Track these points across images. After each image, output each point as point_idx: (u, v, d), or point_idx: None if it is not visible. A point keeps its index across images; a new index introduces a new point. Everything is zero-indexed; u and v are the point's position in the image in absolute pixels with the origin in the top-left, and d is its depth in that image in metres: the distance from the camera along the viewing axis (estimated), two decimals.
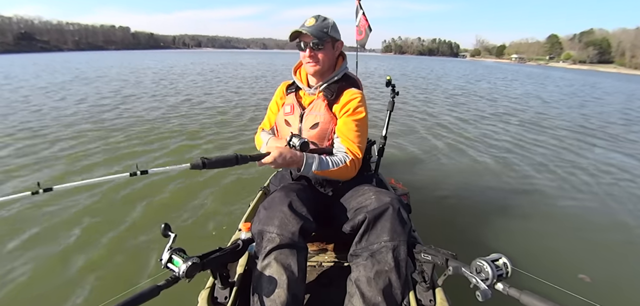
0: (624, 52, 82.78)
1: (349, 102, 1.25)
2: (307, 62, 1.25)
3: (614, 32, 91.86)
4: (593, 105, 10.15)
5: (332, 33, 1.23)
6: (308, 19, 1.24)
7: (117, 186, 2.94)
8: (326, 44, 1.23)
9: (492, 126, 6.16)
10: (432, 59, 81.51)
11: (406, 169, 3.79)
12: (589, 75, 33.86)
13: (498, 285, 0.81)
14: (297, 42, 1.24)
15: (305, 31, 1.19)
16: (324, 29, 1.21)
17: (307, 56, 1.23)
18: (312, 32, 1.19)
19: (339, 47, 1.30)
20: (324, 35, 1.21)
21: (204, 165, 0.91)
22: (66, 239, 2.19)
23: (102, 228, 2.32)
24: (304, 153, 1.12)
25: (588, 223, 2.69)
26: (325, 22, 1.23)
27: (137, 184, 3.01)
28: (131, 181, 3.07)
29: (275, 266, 0.96)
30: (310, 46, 1.21)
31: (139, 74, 15.22)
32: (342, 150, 1.23)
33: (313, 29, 1.20)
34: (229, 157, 0.98)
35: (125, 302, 0.73)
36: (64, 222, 2.39)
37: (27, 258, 1.98)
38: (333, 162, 1.19)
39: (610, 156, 4.56)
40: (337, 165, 1.18)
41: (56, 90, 9.18)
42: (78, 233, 2.25)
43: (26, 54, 53.78)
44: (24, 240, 2.16)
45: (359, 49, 3.02)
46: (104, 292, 1.74)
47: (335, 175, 1.20)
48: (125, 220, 2.43)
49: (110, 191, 2.87)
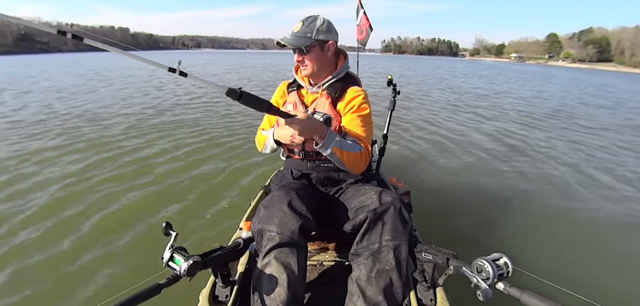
0: (623, 50, 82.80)
1: (354, 99, 1.25)
2: (300, 65, 1.30)
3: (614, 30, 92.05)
4: (596, 102, 10.12)
5: (318, 36, 1.22)
6: (296, 24, 1.25)
7: (121, 180, 2.95)
8: (312, 48, 1.23)
9: (493, 126, 6.15)
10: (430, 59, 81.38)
11: (407, 168, 3.79)
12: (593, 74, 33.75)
13: (499, 284, 0.81)
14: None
15: (284, 42, 1.22)
16: (307, 34, 1.21)
17: (296, 60, 1.28)
18: (291, 42, 1.22)
19: (330, 47, 1.27)
20: (307, 40, 1.21)
21: (241, 95, 0.88)
22: (64, 237, 2.19)
23: (100, 226, 2.33)
24: (328, 127, 1.12)
25: (589, 223, 2.68)
26: (311, 26, 1.22)
27: (139, 180, 3.02)
28: (134, 179, 3.08)
29: (275, 265, 0.96)
30: (298, 51, 1.24)
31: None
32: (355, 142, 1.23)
33: (293, 38, 1.23)
34: (263, 101, 0.97)
35: (126, 300, 0.73)
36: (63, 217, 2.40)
37: (26, 255, 1.99)
38: (352, 146, 1.18)
39: (612, 156, 4.55)
40: (354, 150, 1.18)
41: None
42: (74, 233, 2.26)
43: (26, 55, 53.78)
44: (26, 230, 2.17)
45: (360, 48, 3.02)
46: (104, 292, 1.75)
47: (350, 159, 1.17)
48: (125, 220, 2.43)
49: (112, 187, 2.88)
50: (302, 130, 1.06)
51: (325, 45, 1.25)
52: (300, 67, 1.31)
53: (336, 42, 1.30)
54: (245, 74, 17.37)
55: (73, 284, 1.79)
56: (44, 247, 2.08)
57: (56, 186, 2.92)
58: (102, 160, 3.63)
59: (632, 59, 77.14)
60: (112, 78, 12.99)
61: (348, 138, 1.23)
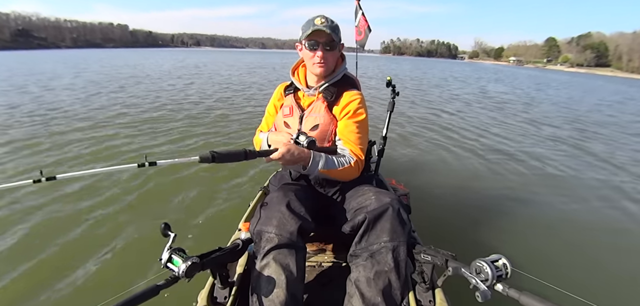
0: (621, 55, 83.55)
1: (349, 104, 1.25)
2: (316, 62, 1.21)
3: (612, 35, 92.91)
4: (593, 106, 10.18)
5: (339, 35, 1.23)
6: (318, 18, 1.19)
7: (117, 185, 2.94)
8: (337, 45, 1.23)
9: (493, 129, 6.17)
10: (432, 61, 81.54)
11: (406, 170, 3.79)
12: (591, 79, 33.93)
13: (498, 285, 0.81)
14: (310, 42, 1.19)
15: (329, 30, 1.15)
16: (336, 31, 1.20)
17: (318, 57, 1.20)
18: (332, 32, 1.17)
19: (341, 48, 1.30)
20: (337, 36, 1.21)
21: (214, 158, 0.89)
22: (63, 237, 2.18)
23: (99, 228, 2.32)
24: (312, 151, 1.12)
25: (588, 224, 2.69)
26: (334, 24, 1.21)
27: (136, 181, 3.01)
28: (132, 180, 3.07)
29: (273, 266, 0.96)
30: (324, 47, 1.19)
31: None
32: (346, 152, 1.23)
33: (331, 29, 1.17)
34: (238, 151, 0.96)
35: (125, 302, 0.72)
36: (62, 218, 2.39)
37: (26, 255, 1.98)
38: (339, 162, 1.18)
39: (613, 158, 4.57)
40: (343, 165, 1.18)
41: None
42: (74, 233, 2.24)
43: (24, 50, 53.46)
44: (24, 234, 2.16)
45: (358, 50, 3.01)
46: (103, 291, 1.73)
47: (340, 175, 1.19)
48: (124, 219, 2.42)
49: (110, 189, 2.87)
50: (285, 163, 1.08)
51: (339, 45, 1.26)
52: (303, 66, 1.27)
53: (343, 44, 1.31)
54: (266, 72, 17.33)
55: (73, 284, 1.78)
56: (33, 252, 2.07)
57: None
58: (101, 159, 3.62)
59: (630, 64, 77.88)
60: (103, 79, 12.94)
61: (338, 150, 1.24)
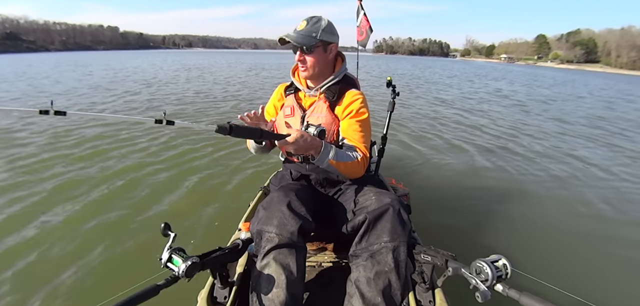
0: (609, 52, 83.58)
1: (352, 104, 1.25)
2: (299, 66, 1.25)
3: (600, 32, 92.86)
4: (591, 105, 10.14)
5: (322, 36, 1.20)
6: (300, 22, 1.23)
7: (118, 177, 2.96)
8: (315, 48, 1.20)
9: (493, 129, 6.15)
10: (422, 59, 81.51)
11: (407, 169, 3.78)
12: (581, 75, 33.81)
13: (497, 286, 0.81)
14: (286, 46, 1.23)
15: (289, 39, 1.19)
16: (312, 34, 1.19)
17: (297, 60, 1.23)
18: (296, 40, 1.18)
19: (332, 49, 1.26)
20: (312, 40, 1.19)
21: (231, 129, 0.89)
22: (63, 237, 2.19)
23: (99, 227, 2.32)
24: (323, 141, 1.12)
25: (588, 224, 2.68)
26: (316, 25, 1.20)
27: (137, 176, 3.02)
28: (131, 179, 3.08)
29: (274, 266, 0.96)
30: (301, 50, 1.21)
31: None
32: (353, 149, 1.22)
33: (298, 36, 1.19)
34: (254, 128, 0.99)
35: (125, 301, 0.73)
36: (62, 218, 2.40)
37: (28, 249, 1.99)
38: (348, 156, 1.18)
39: (614, 158, 4.56)
40: (351, 160, 1.18)
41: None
42: (74, 233, 2.25)
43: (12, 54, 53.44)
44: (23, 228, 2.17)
45: (360, 49, 3.01)
46: (102, 292, 1.74)
47: (347, 169, 1.18)
48: (122, 221, 2.42)
49: (111, 182, 2.88)
50: (297, 149, 1.07)
51: (328, 46, 1.24)
52: (299, 69, 1.28)
53: (337, 44, 1.29)
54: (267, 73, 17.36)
55: (73, 284, 1.78)
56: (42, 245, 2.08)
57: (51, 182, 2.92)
58: (103, 159, 3.63)
59: (618, 60, 77.77)
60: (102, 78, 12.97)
61: (345, 145, 1.23)
